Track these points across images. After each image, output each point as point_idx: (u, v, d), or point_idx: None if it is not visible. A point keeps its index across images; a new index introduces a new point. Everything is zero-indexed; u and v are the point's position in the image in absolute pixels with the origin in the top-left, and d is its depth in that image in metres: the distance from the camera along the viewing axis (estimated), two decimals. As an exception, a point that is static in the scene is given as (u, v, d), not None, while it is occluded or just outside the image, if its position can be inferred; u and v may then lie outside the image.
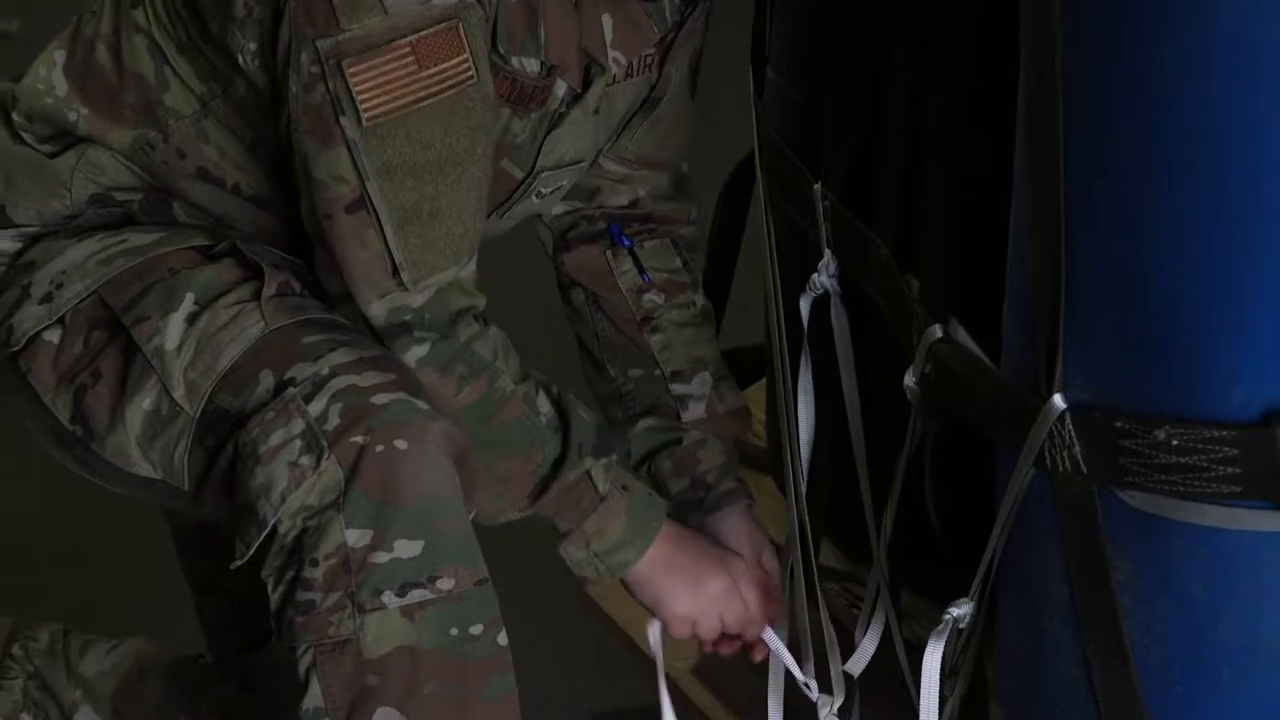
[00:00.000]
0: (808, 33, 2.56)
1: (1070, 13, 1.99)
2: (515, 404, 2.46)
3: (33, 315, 2.46)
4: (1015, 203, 2.11)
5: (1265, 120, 1.90)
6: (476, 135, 2.38)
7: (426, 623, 2.29)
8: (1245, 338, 1.95)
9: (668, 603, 2.55)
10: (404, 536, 2.28)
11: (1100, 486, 2.04)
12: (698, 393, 2.71)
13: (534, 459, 2.47)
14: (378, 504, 2.28)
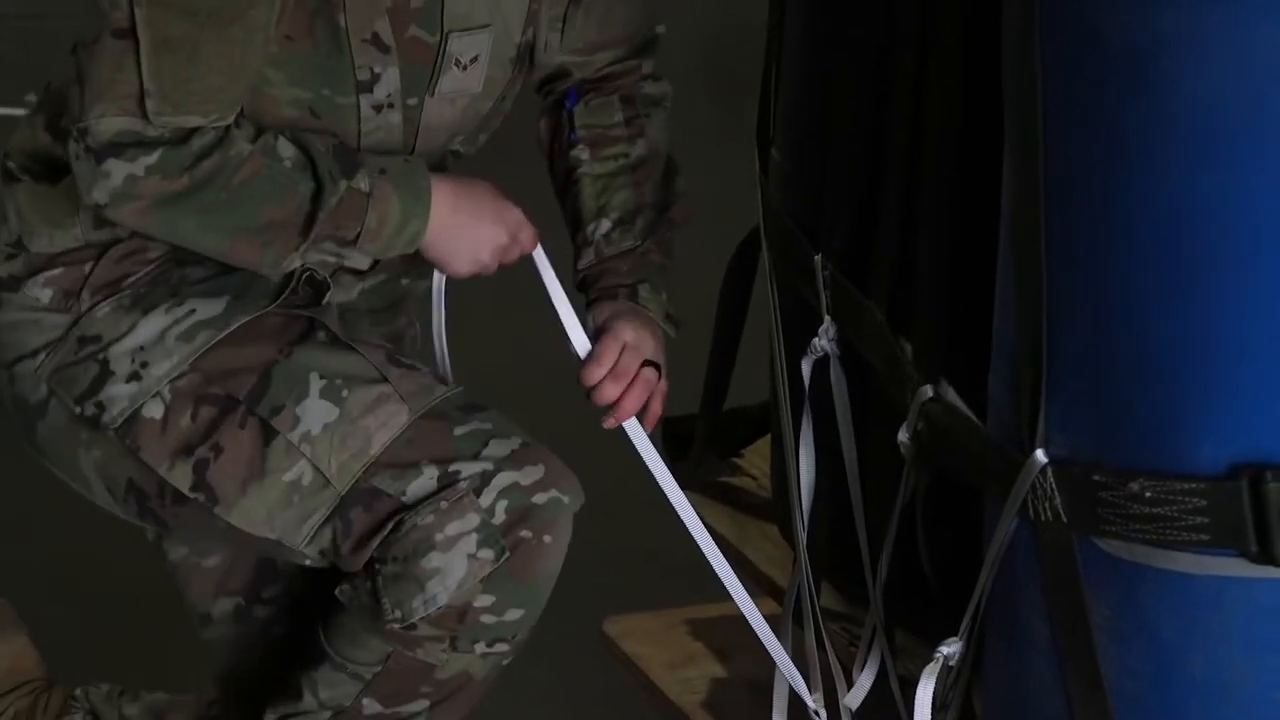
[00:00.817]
0: (808, 117, 2.57)
1: (1051, 112, 2.01)
2: (254, 159, 2.41)
3: (125, 393, 2.48)
4: (1000, 275, 2.12)
5: (1229, 208, 1.92)
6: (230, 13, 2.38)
7: (490, 663, 2.51)
8: (1212, 398, 1.95)
9: (453, 265, 2.54)
10: (515, 606, 2.45)
11: (1079, 534, 2.04)
12: (591, 239, 2.67)
13: (290, 201, 2.43)
14: (516, 582, 2.46)
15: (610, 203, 2.65)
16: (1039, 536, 2.07)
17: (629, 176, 2.66)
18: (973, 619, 2.18)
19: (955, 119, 2.24)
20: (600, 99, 2.70)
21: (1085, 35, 1.97)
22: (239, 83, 2.41)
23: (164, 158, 2.38)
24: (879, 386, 2.39)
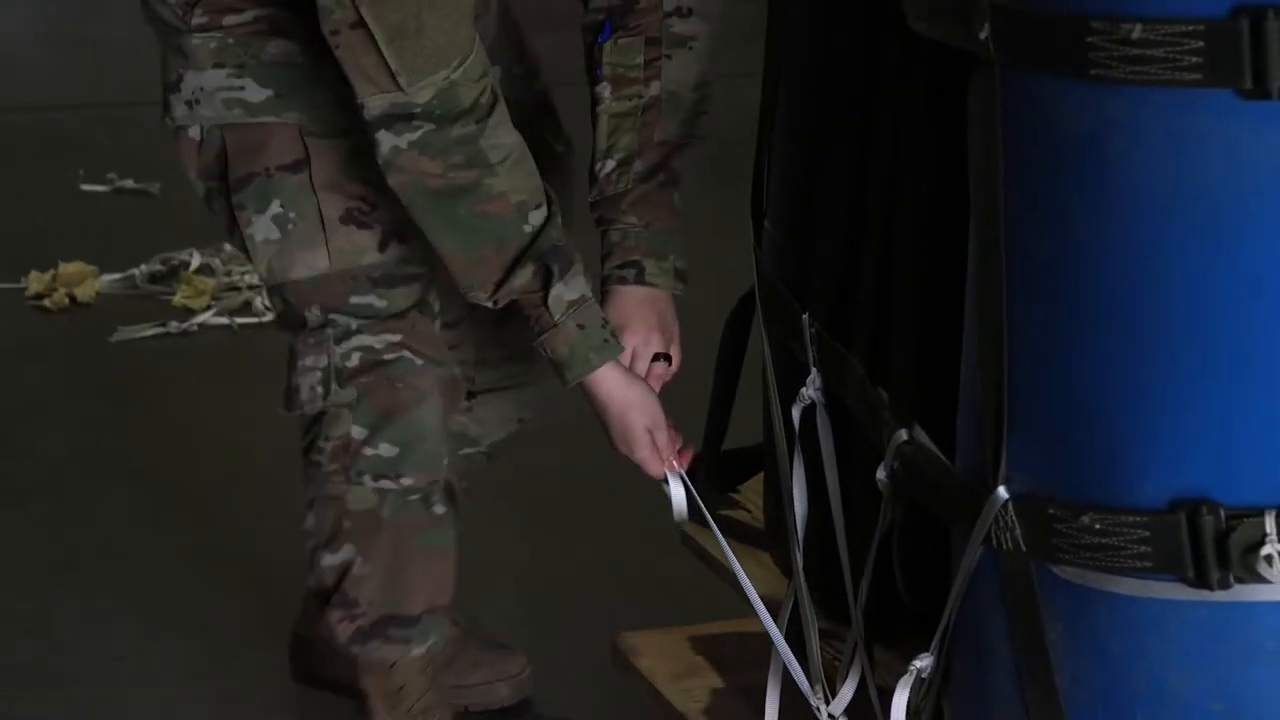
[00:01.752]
0: (797, 194, 2.55)
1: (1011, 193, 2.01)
2: (502, 203, 2.47)
3: (181, 110, 2.64)
4: (966, 334, 2.13)
5: (1164, 281, 1.93)
6: None
7: (387, 501, 2.59)
8: (1154, 440, 1.96)
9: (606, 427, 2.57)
10: (387, 441, 2.57)
11: (1036, 561, 2.04)
12: (597, 175, 2.64)
13: (506, 252, 2.47)
14: (377, 416, 2.55)
15: (617, 144, 2.62)
16: (1000, 563, 2.07)
17: (638, 119, 2.62)
18: (942, 636, 2.18)
19: (926, 199, 2.24)
20: (628, 38, 2.60)
21: (1041, 122, 1.98)
22: (464, 26, 2.43)
23: (425, 136, 2.42)
24: (860, 430, 2.38)
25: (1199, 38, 1.84)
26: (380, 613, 2.62)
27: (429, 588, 2.64)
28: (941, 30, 2.09)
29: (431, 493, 2.60)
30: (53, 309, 4.13)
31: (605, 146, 2.61)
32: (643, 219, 2.63)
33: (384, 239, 2.56)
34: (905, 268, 2.29)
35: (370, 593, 2.61)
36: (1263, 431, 1.93)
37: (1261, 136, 1.87)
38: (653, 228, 2.63)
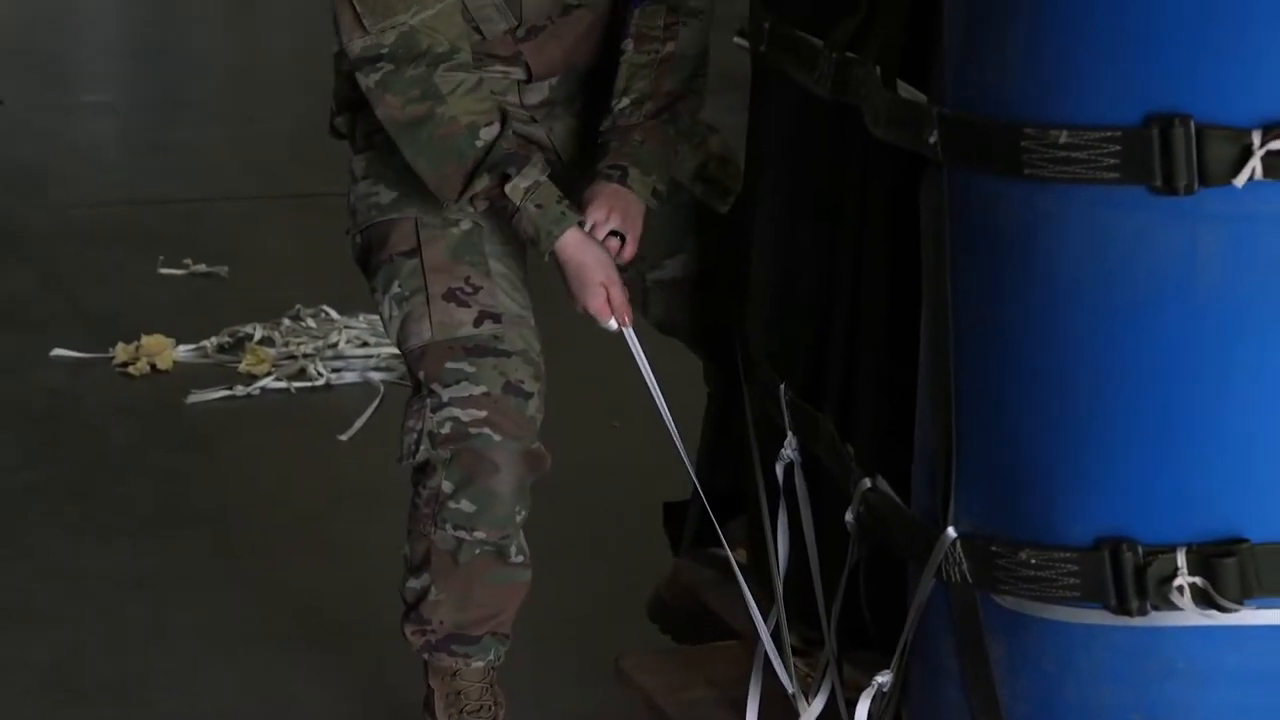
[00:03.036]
0: (774, 277, 2.55)
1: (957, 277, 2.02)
2: (455, 125, 2.52)
3: (349, 220, 2.72)
4: (920, 397, 2.13)
5: (1086, 353, 1.94)
6: None
7: (463, 547, 2.58)
8: (1081, 488, 1.97)
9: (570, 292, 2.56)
10: (467, 499, 2.57)
11: (981, 591, 2.04)
12: (612, 110, 2.65)
13: (465, 165, 2.52)
14: (461, 476, 2.55)
15: (631, 86, 2.64)
16: (950, 593, 2.08)
17: (653, 70, 2.65)
18: (900, 655, 2.18)
19: (885, 281, 2.23)
20: (653, 6, 2.65)
21: (982, 214, 1.99)
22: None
23: (385, 76, 2.52)
24: (831, 480, 2.38)
25: (1117, 142, 1.86)
26: (447, 631, 2.63)
27: (491, 617, 2.64)
28: (897, 135, 2.10)
29: (504, 544, 2.60)
30: (136, 375, 4.14)
31: (623, 88, 2.64)
32: (643, 139, 2.64)
33: (480, 317, 2.57)
34: (868, 340, 2.29)
35: (441, 615, 2.62)
36: (1173, 480, 1.93)
37: (1169, 227, 1.88)
38: (646, 146, 2.64)
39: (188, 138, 5.92)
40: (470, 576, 2.59)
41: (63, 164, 5.53)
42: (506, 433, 2.54)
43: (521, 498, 2.59)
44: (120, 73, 6.89)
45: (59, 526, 3.51)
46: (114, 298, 4.51)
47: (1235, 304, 1.88)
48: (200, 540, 3.48)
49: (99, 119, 6.20)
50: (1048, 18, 1.92)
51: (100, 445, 3.85)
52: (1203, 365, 1.90)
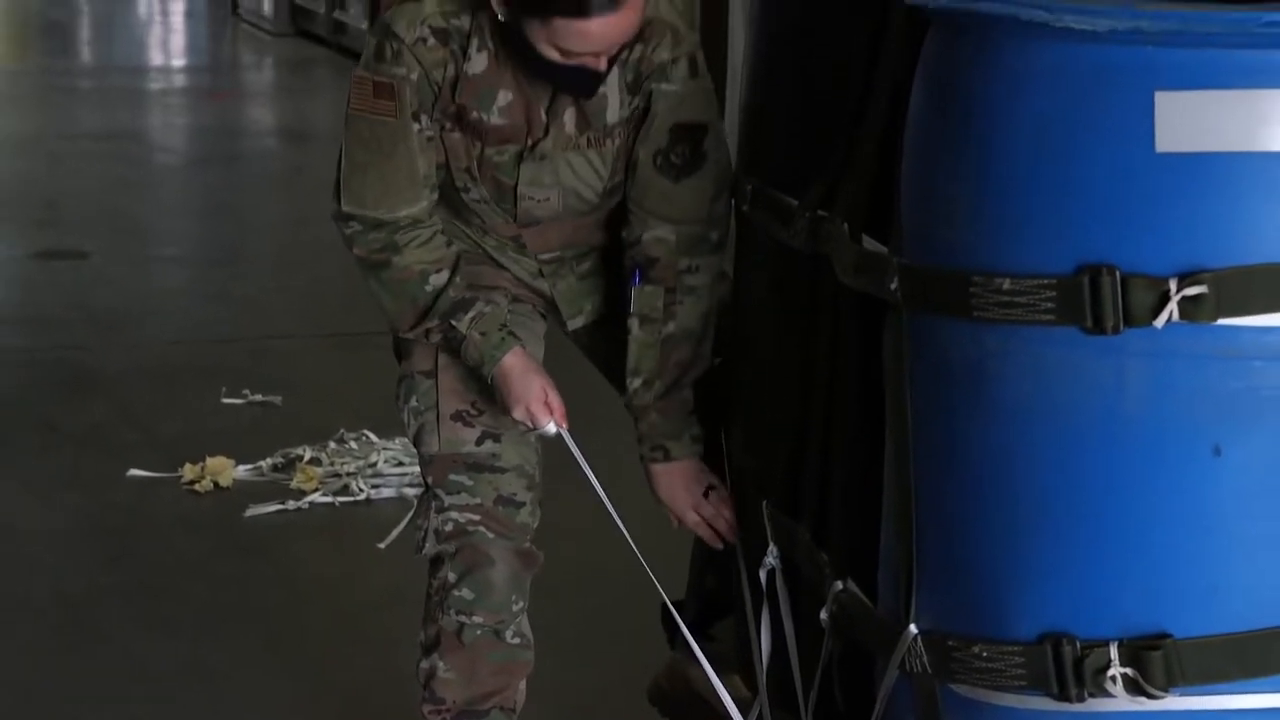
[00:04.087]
0: (756, 410, 2.54)
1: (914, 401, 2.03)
2: (409, 271, 2.50)
3: None
4: (884, 510, 2.13)
5: (1031, 474, 1.94)
6: (396, 144, 2.44)
7: (465, 629, 2.57)
8: (1026, 591, 1.96)
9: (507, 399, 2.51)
10: (468, 588, 2.55)
11: (939, 681, 2.03)
12: (627, 389, 2.57)
13: (418, 305, 2.51)
14: (463, 568, 2.55)
15: (640, 366, 2.56)
16: (912, 683, 2.06)
17: (658, 349, 2.55)
18: (870, 737, 2.18)
19: (854, 411, 2.23)
20: (651, 288, 2.54)
21: (936, 351, 2.00)
22: (402, 193, 2.48)
23: (356, 234, 2.52)
24: (808, 584, 2.36)
25: (1053, 289, 1.87)
26: (459, 709, 2.60)
27: (497, 693, 2.61)
28: (862, 283, 2.11)
29: (500, 628, 2.57)
30: (201, 492, 4.13)
31: (633, 366, 2.57)
32: (663, 415, 2.58)
33: (481, 437, 2.56)
34: (839, 461, 2.29)
35: (452, 693, 2.59)
36: (1106, 583, 1.93)
37: (1099, 362, 1.88)
38: (670, 418, 2.58)
39: (247, 285, 5.95)
40: (475, 655, 2.58)
41: (139, 309, 5.55)
42: (499, 532, 2.55)
43: (517, 589, 2.58)
44: (190, 230, 6.94)
45: (132, 623, 3.50)
46: (182, 424, 4.52)
47: (1157, 429, 1.89)
48: (256, 635, 3.46)
49: (171, 270, 6.23)
50: (991, 182, 1.93)
51: (168, 552, 3.84)
52: (1130, 482, 1.90)
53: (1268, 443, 1.87)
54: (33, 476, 4.24)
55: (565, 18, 2.30)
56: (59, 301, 5.60)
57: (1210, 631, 1.90)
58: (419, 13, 2.43)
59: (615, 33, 2.34)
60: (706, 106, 2.52)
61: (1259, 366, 1.86)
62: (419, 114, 2.45)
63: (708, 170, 2.51)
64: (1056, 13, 1.85)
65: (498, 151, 2.49)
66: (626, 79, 2.46)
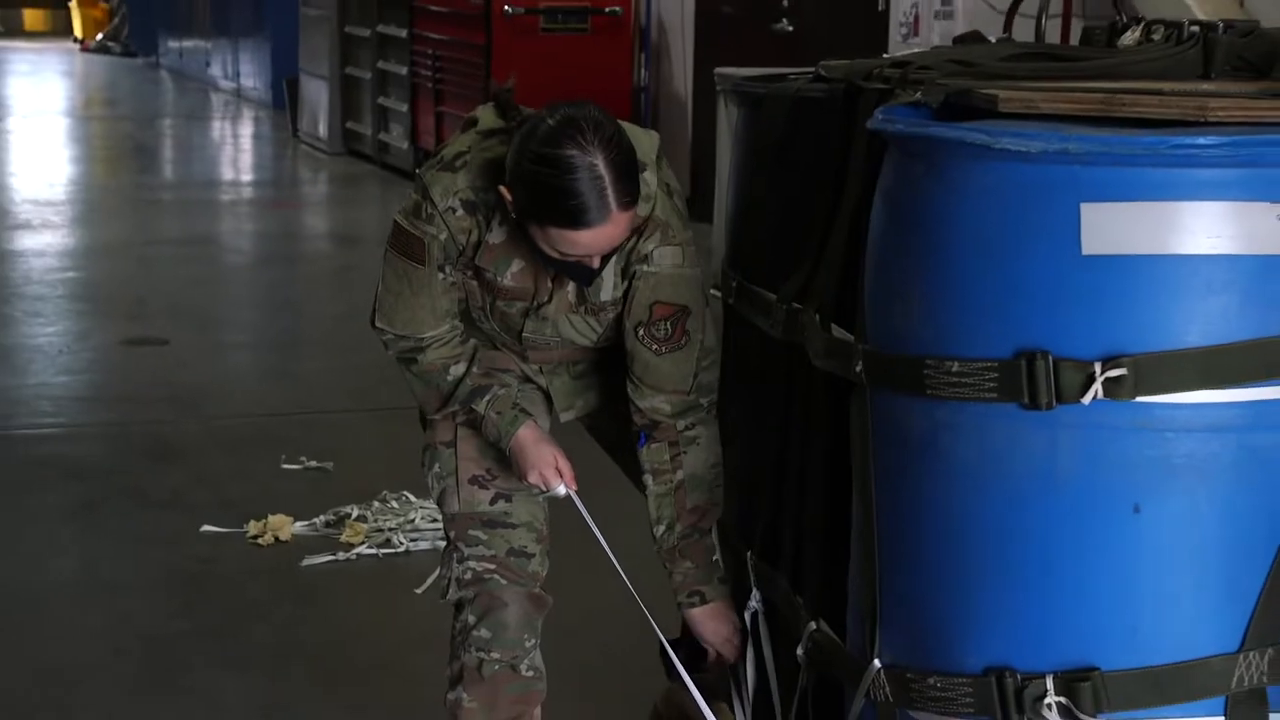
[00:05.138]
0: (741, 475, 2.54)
1: (877, 467, 2.03)
2: (433, 367, 2.50)
3: None
4: (851, 560, 2.13)
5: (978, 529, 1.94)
6: (421, 287, 2.43)
7: (484, 664, 2.56)
8: (973, 632, 1.96)
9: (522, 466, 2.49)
10: (485, 628, 2.55)
11: (900, 708, 2.03)
12: (654, 535, 2.53)
13: (442, 391, 2.52)
14: (480, 610, 2.55)
15: (661, 515, 2.52)
16: (876, 710, 2.06)
17: (673, 496, 2.51)
18: (841, 758, 2.17)
19: (824, 476, 2.23)
20: (656, 444, 2.49)
21: (895, 424, 2.00)
22: (424, 323, 2.47)
23: (388, 341, 2.51)
24: (786, 623, 2.37)
25: (995, 371, 1.88)
26: None
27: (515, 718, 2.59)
28: (831, 365, 2.13)
29: (515, 662, 2.56)
30: (263, 545, 4.12)
31: (654, 516, 2.53)
32: (693, 562, 2.53)
33: (495, 497, 2.55)
34: (812, 518, 2.29)
35: (472, 718, 2.58)
36: (1043, 624, 1.93)
37: (1035, 433, 1.89)
38: (701, 566, 2.53)
39: (304, 367, 5.96)
40: (494, 687, 2.56)
41: (212, 388, 5.55)
42: (511, 579, 2.54)
43: (528, 628, 2.57)
44: (255, 320, 6.95)
45: (204, 661, 3.48)
46: (248, 487, 4.51)
47: (1085, 490, 1.89)
48: (312, 671, 3.45)
49: (239, 354, 6.24)
50: (941, 281, 1.94)
51: (236, 598, 3.83)
52: (1062, 537, 1.90)
53: (1180, 503, 1.88)
54: (120, 533, 4.23)
55: (556, 227, 2.26)
56: (144, 382, 5.60)
57: (1132, 665, 1.89)
58: (453, 184, 2.38)
59: (603, 241, 2.27)
60: (690, 292, 2.41)
61: (1171, 437, 1.86)
62: (444, 266, 2.43)
63: (689, 349, 2.42)
64: (995, 136, 1.86)
65: (507, 304, 2.48)
66: (620, 265, 2.42)
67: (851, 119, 2.12)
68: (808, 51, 5.58)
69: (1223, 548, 1.88)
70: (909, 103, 2.01)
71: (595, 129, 2.23)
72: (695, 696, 2.47)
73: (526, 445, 2.49)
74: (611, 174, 2.22)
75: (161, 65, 16.31)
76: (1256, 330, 1.83)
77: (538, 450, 2.49)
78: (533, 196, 2.26)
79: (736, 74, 2.68)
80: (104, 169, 11.00)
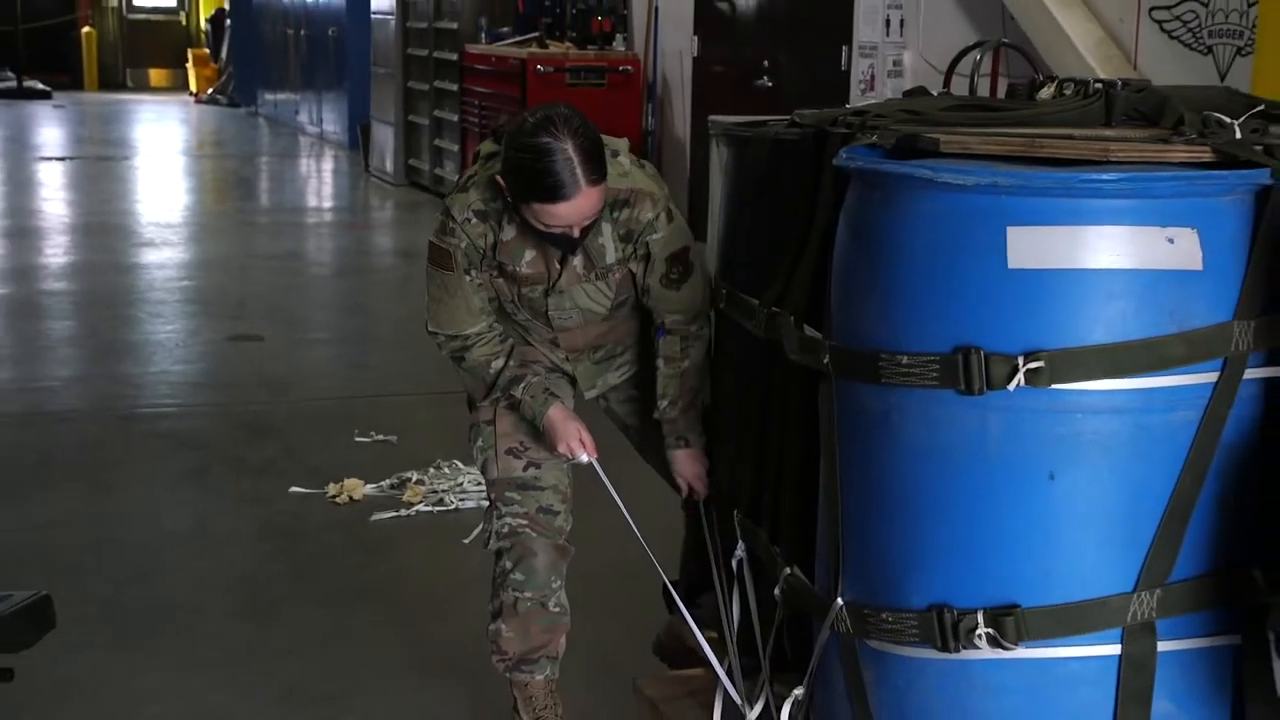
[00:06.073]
0: (729, 446, 2.50)
1: (841, 440, 2.01)
2: (478, 362, 2.50)
3: None
4: (819, 517, 2.12)
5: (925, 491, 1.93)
6: (455, 291, 2.44)
7: (519, 602, 2.54)
8: (918, 575, 1.95)
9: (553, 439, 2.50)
10: (519, 573, 2.53)
11: (858, 638, 2.02)
12: (658, 408, 2.56)
13: (486, 382, 2.52)
14: (516, 557, 2.53)
15: (667, 391, 2.55)
16: (839, 639, 2.06)
17: (679, 380, 2.54)
18: (809, 677, 2.16)
19: (799, 446, 2.21)
20: (669, 338, 2.54)
21: (855, 407, 1.99)
22: (465, 320, 2.48)
23: (441, 342, 2.51)
24: (766, 569, 2.35)
25: (937, 363, 1.88)
26: (518, 657, 2.58)
27: (544, 646, 2.60)
28: (804, 359, 2.12)
29: (544, 600, 2.56)
30: (339, 503, 4.12)
31: (661, 392, 2.56)
32: (684, 421, 2.57)
33: (527, 465, 2.56)
34: (788, 483, 2.29)
35: (512, 647, 2.58)
36: (974, 570, 1.92)
37: (969, 414, 1.88)
38: (689, 421, 2.57)
39: (372, 358, 5.95)
40: (527, 620, 2.56)
41: (298, 376, 5.55)
42: (540, 533, 2.54)
43: (555, 573, 2.57)
44: (333, 320, 6.94)
45: (293, 598, 3.49)
46: (327, 456, 4.52)
47: (1009, 461, 1.89)
48: (379, 605, 3.45)
49: (320, 348, 6.23)
50: (893, 290, 1.93)
51: (318, 547, 3.84)
52: (990, 498, 1.90)
53: (1086, 471, 1.87)
54: (224, 494, 4.24)
55: (539, 203, 2.29)
56: (244, 370, 5.61)
57: (1046, 603, 1.89)
58: (467, 201, 2.42)
59: (579, 213, 2.31)
60: (684, 236, 2.50)
61: (1079, 418, 1.86)
62: (470, 269, 2.45)
63: (696, 277, 2.50)
64: (937, 171, 1.86)
65: (530, 290, 2.49)
66: (619, 232, 2.45)
67: (820, 158, 2.12)
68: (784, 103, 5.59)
69: (1120, 507, 1.88)
70: (867, 144, 2.01)
71: (564, 122, 2.27)
72: (692, 627, 2.48)
73: (556, 422, 2.49)
74: (580, 156, 2.26)
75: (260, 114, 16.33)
76: (1148, 331, 1.83)
77: (565, 426, 2.49)
78: (519, 179, 2.29)
79: (726, 121, 2.67)
80: (212, 197, 11.00)
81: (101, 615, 3.35)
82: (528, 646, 2.59)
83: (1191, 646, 1.92)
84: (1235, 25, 4.43)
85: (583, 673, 2.83)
